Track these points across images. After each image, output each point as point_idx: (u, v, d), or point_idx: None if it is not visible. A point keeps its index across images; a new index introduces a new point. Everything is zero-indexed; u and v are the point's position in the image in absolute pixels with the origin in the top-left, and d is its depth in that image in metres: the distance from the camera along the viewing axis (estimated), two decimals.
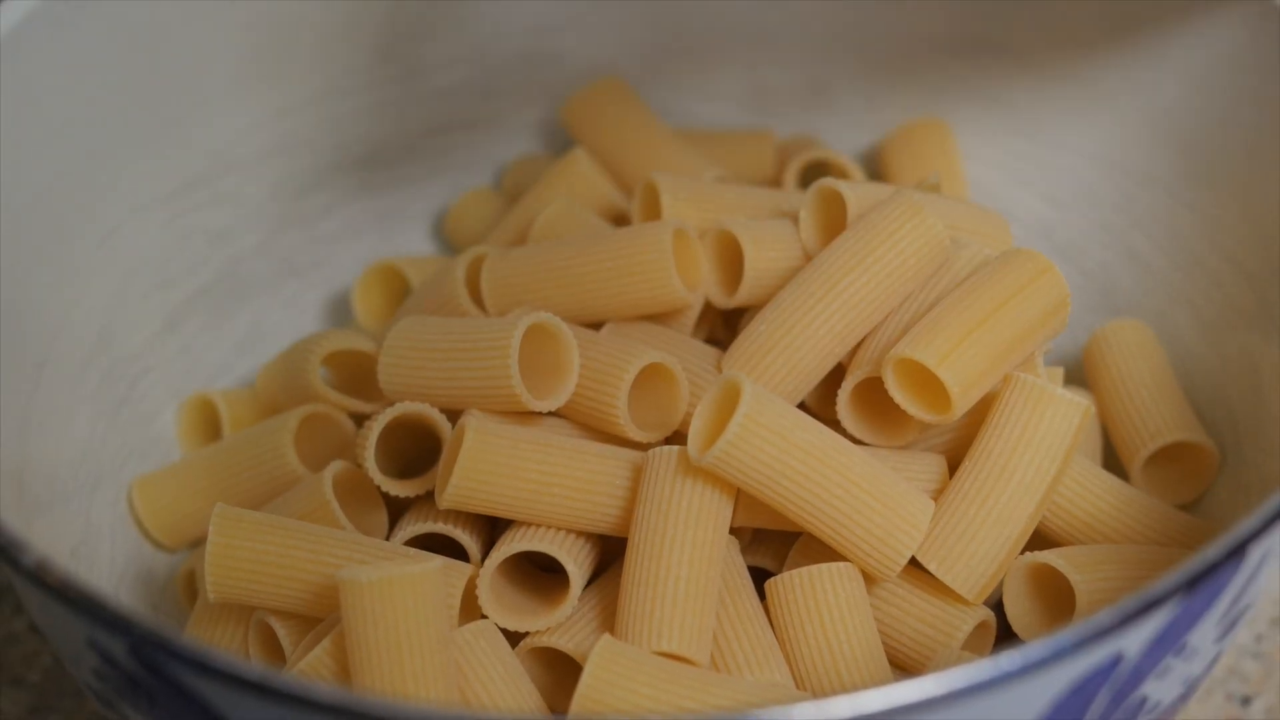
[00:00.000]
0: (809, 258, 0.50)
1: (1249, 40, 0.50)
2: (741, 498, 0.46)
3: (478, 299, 0.51)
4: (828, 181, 0.50)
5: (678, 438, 0.48)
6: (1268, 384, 0.49)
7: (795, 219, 0.51)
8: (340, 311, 0.58)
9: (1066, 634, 0.36)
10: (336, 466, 0.48)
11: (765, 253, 0.50)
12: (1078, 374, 0.54)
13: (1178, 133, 0.53)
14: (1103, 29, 0.54)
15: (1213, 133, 0.52)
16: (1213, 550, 0.38)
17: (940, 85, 0.57)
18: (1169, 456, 0.51)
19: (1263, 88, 0.50)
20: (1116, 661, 0.38)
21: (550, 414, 0.48)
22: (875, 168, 0.59)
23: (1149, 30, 0.53)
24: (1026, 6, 0.55)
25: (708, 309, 0.52)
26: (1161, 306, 0.54)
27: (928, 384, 0.46)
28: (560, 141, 0.60)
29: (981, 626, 0.47)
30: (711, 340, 0.52)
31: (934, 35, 0.57)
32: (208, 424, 0.54)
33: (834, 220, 0.50)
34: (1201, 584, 0.38)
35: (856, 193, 0.49)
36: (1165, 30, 0.53)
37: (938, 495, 0.46)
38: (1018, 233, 0.55)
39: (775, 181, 0.58)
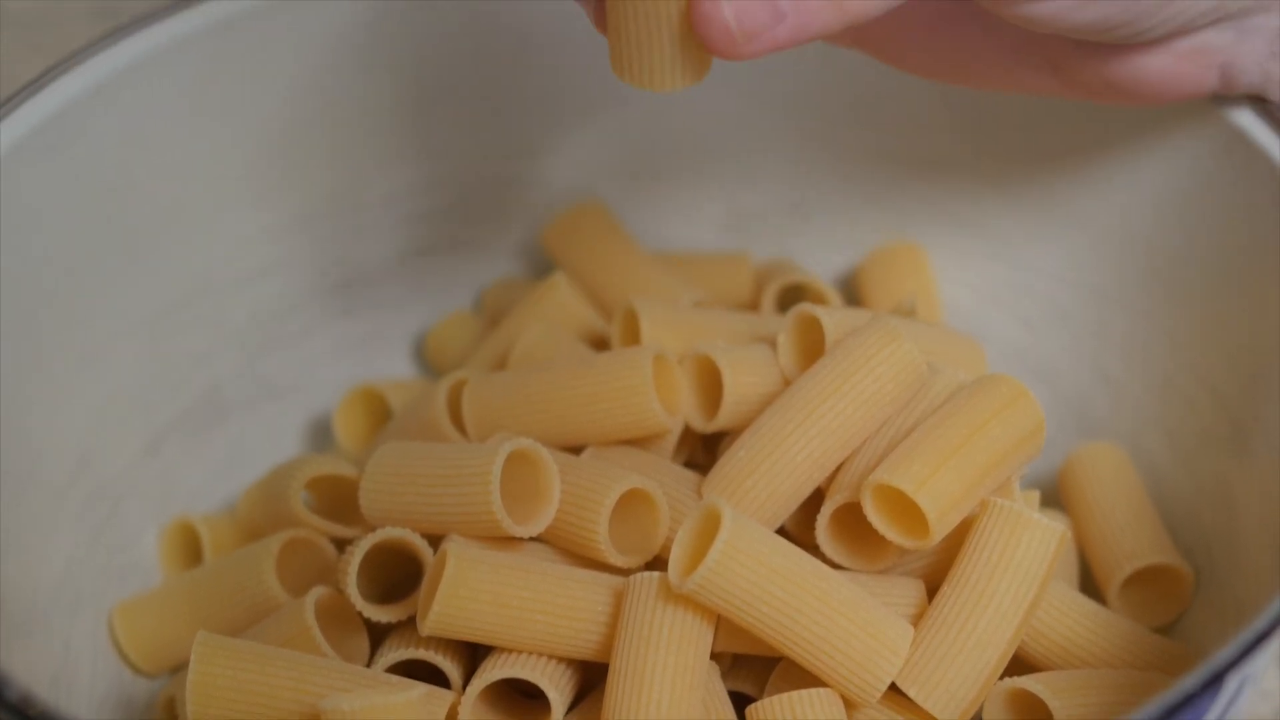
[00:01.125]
0: (788, 382, 0.50)
1: (1216, 164, 0.51)
2: (722, 623, 0.46)
3: (459, 423, 0.52)
4: (805, 307, 0.50)
5: (658, 562, 0.48)
6: (1241, 507, 0.50)
7: (774, 343, 0.51)
8: (321, 433, 0.59)
9: None
10: (318, 592, 0.48)
11: (744, 378, 0.50)
12: (1052, 494, 0.55)
13: (1149, 256, 0.54)
14: (1073, 152, 0.55)
15: (1183, 256, 0.53)
16: (1190, 680, 0.38)
17: (915, 208, 0.58)
18: (1145, 579, 0.52)
19: (1230, 212, 0.51)
20: None
21: (531, 539, 0.49)
22: (851, 290, 0.59)
23: (1119, 154, 0.54)
24: (999, 130, 0.56)
25: (687, 432, 0.52)
26: (1135, 428, 0.54)
27: (906, 509, 0.46)
28: (540, 263, 0.60)
29: None
30: (691, 463, 0.53)
31: (908, 158, 0.58)
32: (189, 547, 0.54)
33: (812, 345, 0.51)
34: (1179, 714, 0.38)
35: (834, 318, 0.50)
36: (1136, 154, 0.54)
37: (917, 620, 0.47)
38: (992, 354, 0.56)
39: (752, 303, 0.58)
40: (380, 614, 0.48)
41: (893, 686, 0.46)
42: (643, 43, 0.43)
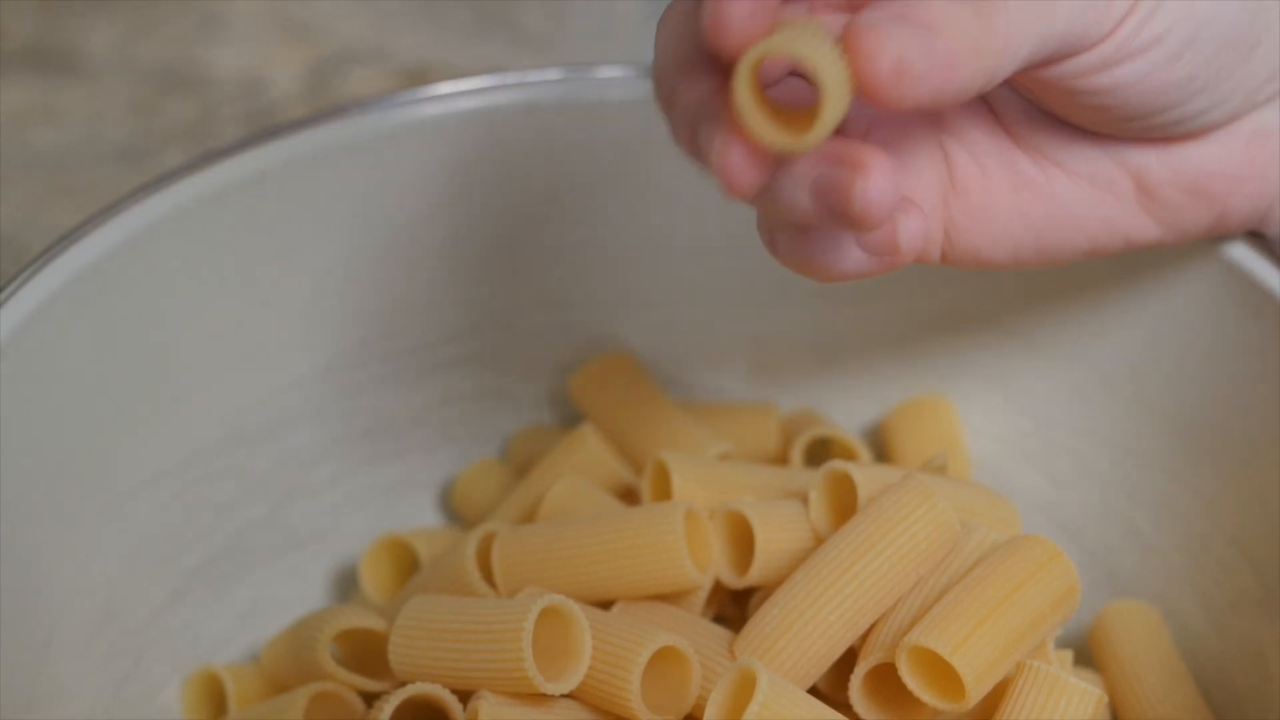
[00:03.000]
0: (819, 538, 0.50)
1: (1248, 324, 0.52)
2: None
3: (488, 576, 0.52)
4: (838, 465, 0.50)
5: None
6: (1274, 670, 0.50)
7: (804, 498, 0.51)
8: (346, 583, 0.58)
9: None
10: None
11: (775, 534, 0.50)
12: (1083, 651, 0.54)
13: (1177, 414, 0.54)
14: (1097, 307, 0.55)
15: (1211, 414, 0.53)
16: None
17: (940, 361, 0.58)
18: None
19: (1259, 371, 0.51)
20: None
21: (562, 696, 0.48)
22: (878, 442, 0.59)
23: (1146, 312, 0.54)
24: (1023, 285, 0.56)
25: (717, 587, 0.52)
26: (1165, 587, 0.54)
27: (941, 671, 0.46)
28: (567, 412, 0.60)
29: None
30: (720, 618, 0.53)
31: (935, 312, 0.58)
32: (213, 699, 0.54)
33: (843, 501, 0.50)
34: None
35: (866, 475, 0.50)
36: (1163, 313, 0.54)
37: None
38: (1020, 510, 0.56)
39: (779, 455, 0.58)
40: None
41: None
42: None
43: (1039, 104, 0.49)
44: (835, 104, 0.39)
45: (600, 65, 0.57)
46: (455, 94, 0.56)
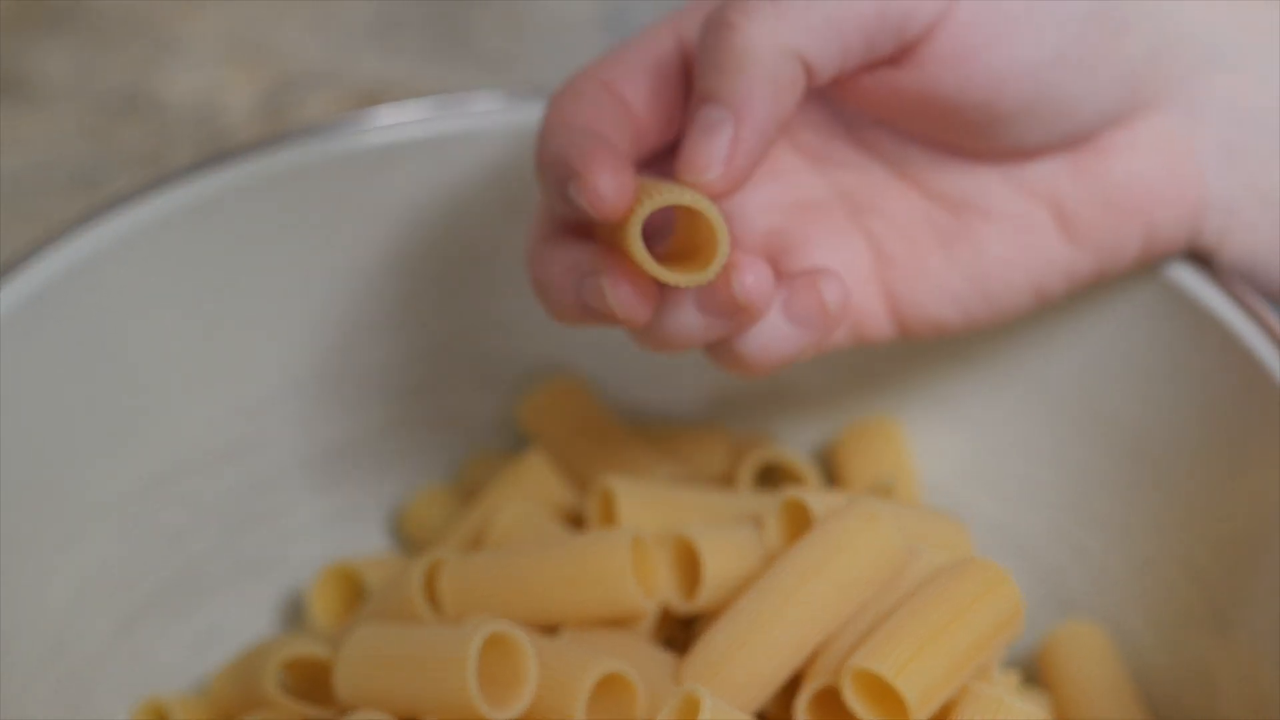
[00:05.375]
0: (772, 561, 0.50)
1: (1191, 347, 0.52)
2: None
3: (435, 602, 0.51)
4: (794, 494, 0.51)
5: None
6: (1222, 689, 0.50)
7: (754, 522, 0.51)
8: (296, 610, 0.58)
9: None
10: None
11: (723, 560, 0.50)
12: (1032, 672, 0.55)
13: (1124, 435, 0.54)
14: (1044, 331, 0.56)
15: (1158, 436, 0.53)
16: None
17: (891, 384, 0.58)
18: None
19: (1203, 393, 0.52)
20: None
21: None
22: (828, 465, 0.59)
23: (1092, 335, 0.54)
24: None
25: (665, 613, 0.52)
26: (1115, 608, 0.54)
27: (885, 694, 0.46)
28: (517, 436, 0.60)
29: None
30: (668, 642, 0.53)
31: None
32: None
33: (798, 527, 0.51)
34: None
35: (824, 505, 0.50)
36: (1110, 336, 0.54)
37: None
38: (970, 531, 0.56)
39: (728, 476, 0.58)
40: None
41: None
42: None
43: (935, 133, 0.49)
44: (725, 236, 0.43)
45: (548, 91, 0.57)
46: (404, 121, 0.56)
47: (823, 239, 0.50)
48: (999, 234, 0.50)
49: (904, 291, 0.50)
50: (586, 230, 0.46)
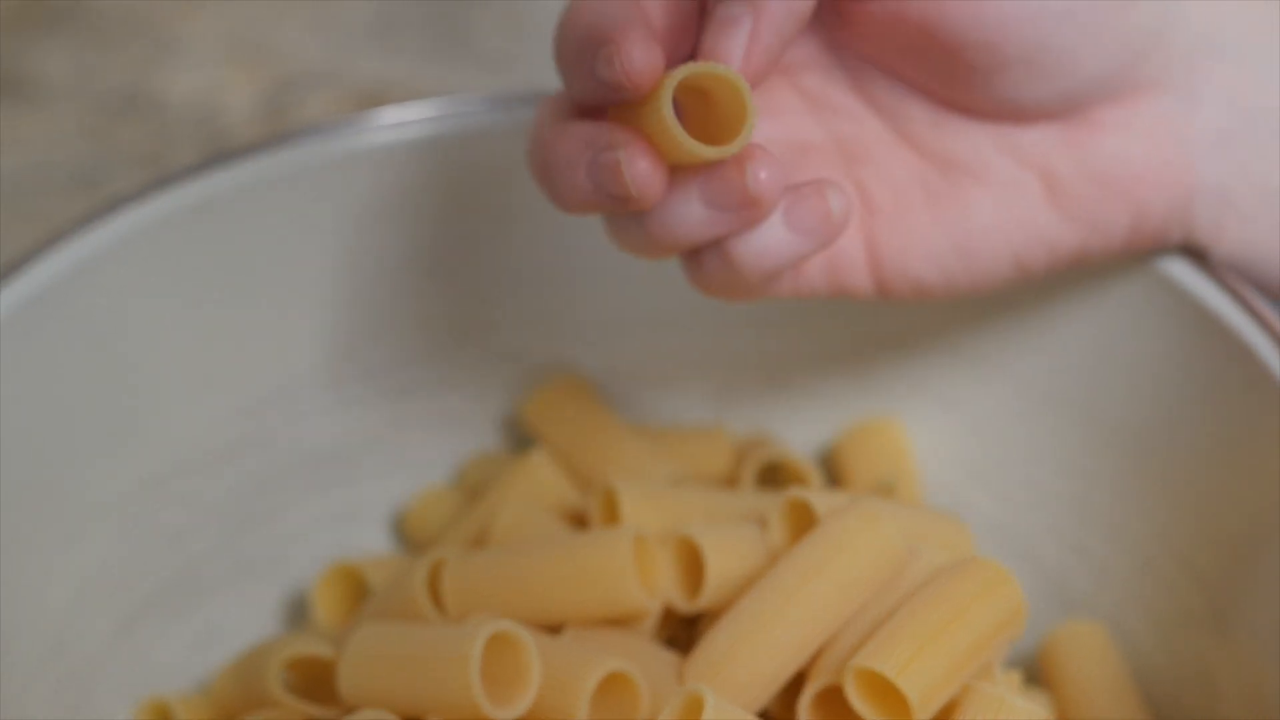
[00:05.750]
0: (775, 560, 0.50)
1: (1194, 345, 0.52)
2: None
3: (438, 602, 0.52)
4: (798, 493, 0.51)
5: None
6: (1223, 689, 0.50)
7: (756, 522, 0.51)
8: (298, 611, 0.58)
9: None
10: None
11: (726, 559, 0.50)
12: (1034, 671, 0.55)
13: (1126, 434, 0.54)
14: (1046, 329, 0.56)
15: (1159, 435, 0.53)
16: None
17: (893, 384, 0.59)
18: None
19: (1205, 392, 0.52)
20: None
21: None
22: (830, 464, 0.59)
23: (1094, 333, 0.54)
24: (973, 307, 0.56)
25: (668, 612, 0.52)
26: (1116, 607, 0.54)
27: (888, 693, 0.46)
28: (519, 436, 0.60)
29: None
30: (671, 641, 0.53)
31: (886, 334, 0.58)
32: None
33: (802, 528, 0.51)
34: None
35: (827, 504, 0.50)
36: (1112, 335, 0.54)
37: None
38: (971, 531, 0.56)
39: (730, 477, 0.59)
40: None
41: None
42: None
43: (932, 78, 0.49)
44: (753, 107, 0.43)
45: (548, 91, 0.57)
46: (405, 121, 0.56)
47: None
48: (987, 198, 0.50)
49: (886, 245, 0.50)
50: (601, 114, 0.46)
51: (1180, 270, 0.52)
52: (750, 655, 0.48)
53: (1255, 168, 0.50)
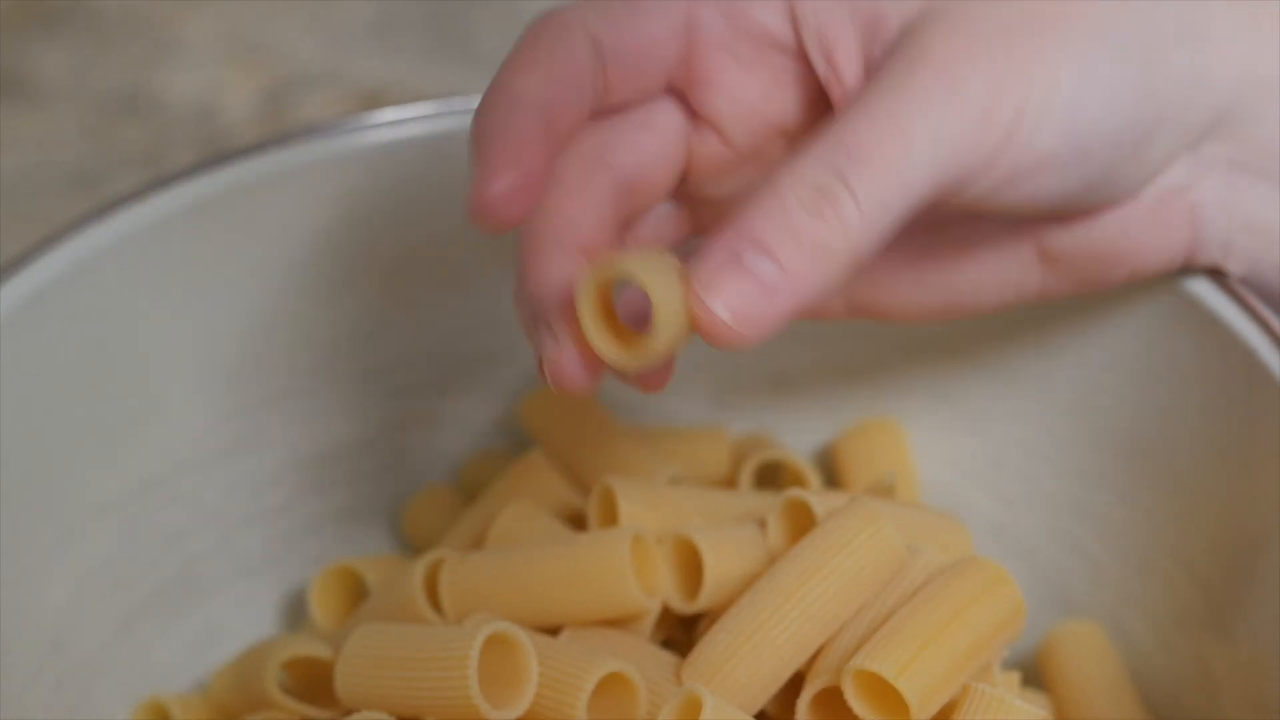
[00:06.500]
0: (774, 561, 0.50)
1: (1193, 348, 0.52)
2: None
3: (436, 603, 0.51)
4: (797, 494, 0.50)
5: None
6: (1222, 689, 0.50)
7: (754, 522, 0.51)
8: (296, 610, 0.58)
9: None
10: None
11: (724, 560, 0.50)
12: (1032, 672, 0.55)
13: (1124, 435, 0.54)
14: (1045, 330, 0.56)
15: (1157, 436, 0.53)
16: None
17: (891, 384, 0.59)
18: None
19: (1203, 394, 0.52)
20: None
21: None
22: (829, 465, 0.59)
23: (1092, 334, 0.54)
24: None
25: (666, 612, 0.52)
26: (1114, 607, 0.54)
27: (887, 694, 0.46)
28: (518, 437, 0.60)
29: None
30: (669, 642, 0.53)
31: (885, 335, 0.58)
32: None
33: (801, 528, 0.51)
34: None
35: (826, 505, 0.50)
36: (1110, 336, 0.54)
37: None
38: (970, 531, 0.56)
39: (729, 478, 0.58)
40: None
41: None
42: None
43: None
44: (667, 333, 0.40)
45: None
46: (404, 119, 0.56)
47: None
48: (976, 260, 0.49)
49: (862, 292, 0.50)
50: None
51: (1186, 279, 0.52)
52: (749, 656, 0.48)
53: (1257, 215, 0.49)
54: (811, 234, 0.41)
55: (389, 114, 0.56)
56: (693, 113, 0.48)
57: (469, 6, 0.83)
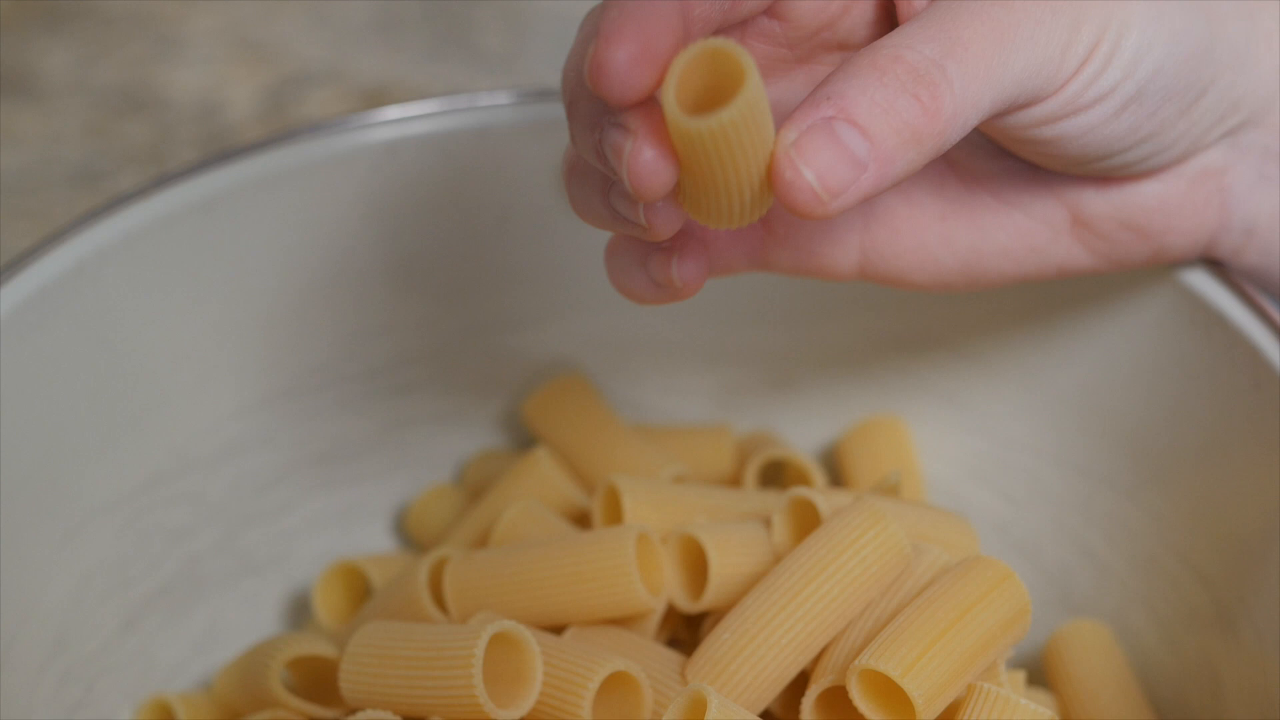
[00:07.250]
0: (779, 559, 0.50)
1: (1197, 345, 0.52)
2: None
3: (440, 601, 0.51)
4: (801, 491, 0.50)
5: None
6: (1228, 688, 0.50)
7: (759, 521, 0.51)
8: (300, 609, 0.58)
9: None
10: None
11: (729, 558, 0.50)
12: (1037, 671, 0.54)
13: (1129, 433, 0.54)
14: (1050, 328, 0.55)
15: (1162, 434, 0.53)
16: None
17: (896, 382, 0.58)
18: None
19: (1208, 391, 0.52)
20: None
21: None
22: (833, 463, 0.59)
23: (1097, 332, 0.54)
24: (978, 307, 0.56)
25: (670, 611, 0.52)
26: (1119, 606, 0.54)
27: (892, 693, 0.46)
28: (521, 435, 0.60)
29: None
30: (674, 641, 0.52)
31: (889, 334, 0.58)
32: None
33: (806, 526, 0.50)
34: None
35: (830, 503, 0.50)
36: (1115, 334, 0.54)
37: None
38: (975, 530, 0.56)
39: (734, 476, 0.58)
40: None
41: None
42: (722, 194, 0.40)
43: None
44: (741, 109, 0.38)
45: (551, 88, 0.57)
46: (407, 117, 0.56)
47: None
48: (1006, 221, 0.49)
49: (885, 248, 0.49)
50: None
51: (1189, 273, 0.52)
52: (754, 655, 0.48)
53: None
54: (906, 116, 0.41)
55: (392, 112, 0.56)
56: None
57: (471, 4, 0.83)
